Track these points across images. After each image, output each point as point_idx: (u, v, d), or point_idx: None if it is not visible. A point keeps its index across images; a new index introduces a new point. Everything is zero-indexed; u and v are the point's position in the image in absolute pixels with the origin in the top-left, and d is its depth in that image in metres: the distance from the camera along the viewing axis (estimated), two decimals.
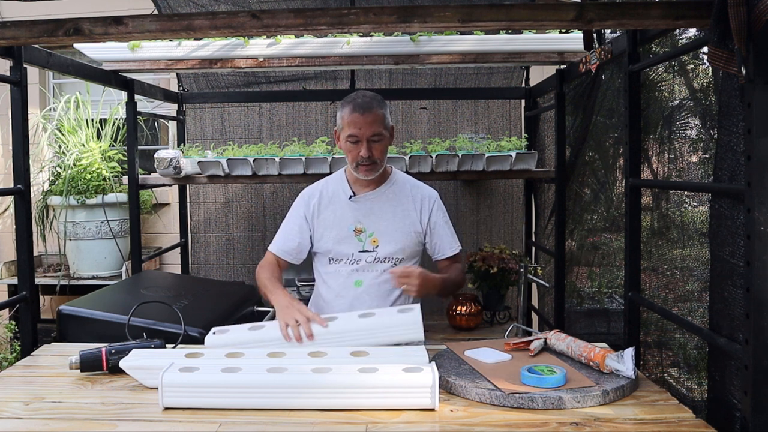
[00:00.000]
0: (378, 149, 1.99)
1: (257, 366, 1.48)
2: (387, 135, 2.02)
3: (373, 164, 2.00)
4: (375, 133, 1.97)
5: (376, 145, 1.98)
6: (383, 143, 2.01)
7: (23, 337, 2.08)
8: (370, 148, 1.97)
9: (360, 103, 1.98)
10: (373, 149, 1.98)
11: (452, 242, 2.16)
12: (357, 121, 1.96)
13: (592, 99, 2.58)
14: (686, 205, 1.94)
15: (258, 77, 3.74)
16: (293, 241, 2.11)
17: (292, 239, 2.11)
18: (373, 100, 2.00)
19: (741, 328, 1.33)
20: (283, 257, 2.12)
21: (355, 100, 1.99)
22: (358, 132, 1.96)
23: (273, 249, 2.14)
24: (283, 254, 2.12)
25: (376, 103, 2.00)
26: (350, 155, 2.01)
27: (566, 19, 1.50)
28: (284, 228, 2.15)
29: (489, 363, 1.61)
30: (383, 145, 2.01)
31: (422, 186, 2.18)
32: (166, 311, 2.03)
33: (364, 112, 1.96)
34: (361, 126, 1.95)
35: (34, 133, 4.14)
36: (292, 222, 2.14)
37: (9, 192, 2.07)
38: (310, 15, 1.51)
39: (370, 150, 1.97)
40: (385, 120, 2.01)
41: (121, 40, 1.86)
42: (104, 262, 3.95)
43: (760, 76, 1.24)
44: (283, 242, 2.12)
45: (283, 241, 2.13)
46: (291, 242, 2.11)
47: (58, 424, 1.36)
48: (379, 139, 1.98)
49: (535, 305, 3.39)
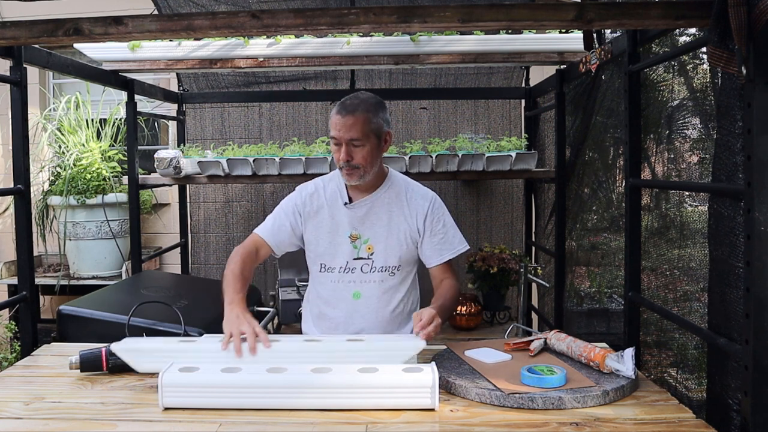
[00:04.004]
0: (359, 154, 1.87)
1: (257, 366, 1.48)
2: (372, 141, 1.89)
3: (353, 169, 1.88)
4: (353, 138, 1.86)
5: (356, 150, 1.87)
6: (366, 149, 1.88)
7: (23, 337, 2.08)
8: (349, 152, 1.86)
9: (346, 105, 1.88)
10: (353, 153, 1.86)
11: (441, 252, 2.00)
12: (337, 123, 1.87)
13: (592, 99, 2.58)
14: (686, 205, 1.94)
15: (258, 77, 3.74)
16: (283, 233, 2.00)
17: (281, 232, 2.00)
18: (362, 103, 1.88)
19: (740, 328, 1.33)
20: (270, 243, 1.99)
21: (344, 102, 1.90)
22: (337, 134, 1.87)
23: (262, 233, 2.00)
24: (270, 240, 1.99)
25: (364, 106, 1.88)
26: (335, 156, 1.93)
27: (566, 19, 1.50)
28: (276, 219, 2.03)
29: (489, 363, 1.61)
30: (366, 151, 1.88)
31: (419, 189, 2.06)
32: (166, 311, 2.03)
33: (346, 114, 1.86)
34: (339, 128, 1.86)
35: (34, 133, 4.14)
36: (284, 216, 2.02)
37: (9, 192, 2.07)
38: (310, 15, 1.51)
39: (349, 154, 1.86)
40: (370, 124, 1.88)
41: (121, 40, 1.86)
42: (104, 262, 3.95)
43: (760, 76, 1.24)
44: (273, 231, 2.00)
45: (273, 230, 2.01)
46: (281, 234, 2.00)
47: (58, 424, 1.36)
48: (360, 144, 1.87)
49: (535, 305, 3.39)
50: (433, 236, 2.00)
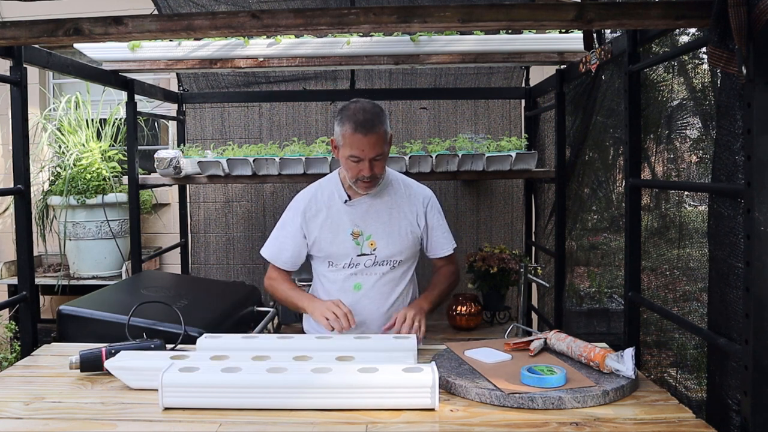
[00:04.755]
0: (380, 166, 1.94)
1: (257, 366, 1.48)
2: (387, 149, 1.98)
3: (374, 180, 1.96)
4: (378, 154, 1.91)
5: (377, 163, 1.93)
6: (384, 159, 1.96)
7: (23, 337, 2.08)
8: (372, 167, 1.91)
9: (362, 122, 1.88)
10: (375, 167, 1.92)
11: (446, 243, 2.15)
12: (360, 143, 1.88)
13: (592, 99, 2.58)
14: (686, 205, 1.94)
15: (258, 77, 3.74)
16: (287, 251, 2.10)
17: (285, 250, 2.10)
18: (374, 117, 1.91)
19: (740, 328, 1.33)
20: (283, 267, 2.13)
21: (356, 117, 1.89)
22: (360, 153, 1.89)
23: (274, 261, 2.13)
24: (283, 265, 2.13)
25: (378, 119, 1.91)
26: (350, 172, 1.95)
27: (566, 19, 1.50)
28: (279, 238, 2.12)
29: (489, 363, 1.61)
30: (384, 161, 1.97)
31: (415, 185, 2.15)
32: (166, 311, 2.03)
33: (367, 132, 1.87)
34: (364, 147, 1.88)
35: (34, 133, 4.14)
36: (285, 232, 2.11)
37: (9, 192, 2.06)
38: (310, 15, 1.51)
39: (372, 169, 1.92)
40: (386, 135, 1.94)
41: (121, 40, 1.86)
42: (104, 262, 3.95)
43: (760, 76, 1.24)
44: (279, 252, 2.12)
45: (279, 251, 2.12)
46: (285, 253, 2.11)
47: (58, 424, 1.36)
48: (381, 158, 1.93)
49: (535, 305, 3.39)
50: (434, 229, 2.13)
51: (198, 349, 1.72)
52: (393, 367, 1.45)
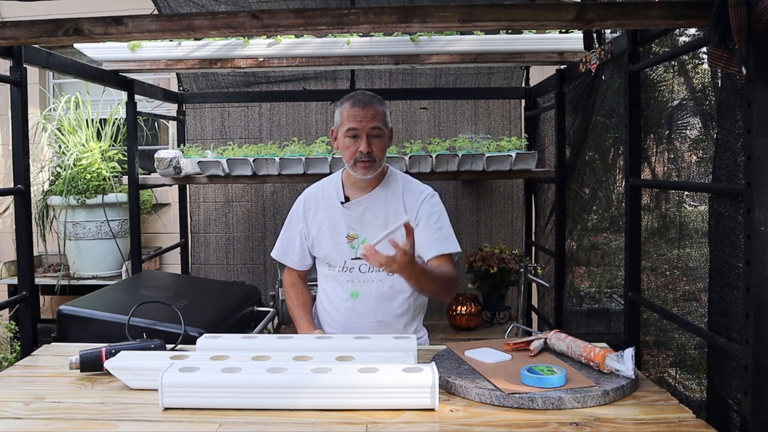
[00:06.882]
0: (377, 145, 1.93)
1: (257, 366, 1.48)
2: (386, 133, 1.98)
3: (372, 161, 1.94)
4: (375, 127, 1.92)
5: (375, 141, 1.93)
6: (383, 140, 1.95)
7: (23, 337, 2.08)
8: (369, 143, 1.92)
9: (360, 99, 1.96)
10: (373, 145, 1.92)
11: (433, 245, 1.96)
12: (357, 115, 1.92)
13: (592, 99, 2.58)
14: (686, 205, 1.93)
15: (258, 77, 3.74)
16: (294, 250, 2.13)
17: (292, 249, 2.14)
18: (373, 97, 1.98)
19: (740, 328, 1.33)
20: (294, 267, 2.15)
21: (355, 96, 1.97)
22: (358, 125, 1.91)
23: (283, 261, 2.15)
24: (292, 264, 2.15)
25: (376, 100, 1.98)
26: (348, 152, 1.95)
27: (566, 19, 1.50)
28: (286, 238, 2.15)
29: (489, 363, 1.61)
30: (383, 143, 1.96)
31: (416, 184, 2.08)
32: (166, 311, 2.03)
33: (365, 106, 1.93)
34: (361, 119, 1.91)
35: (34, 133, 4.14)
36: (290, 232, 2.14)
37: (9, 192, 2.06)
38: (310, 15, 1.51)
39: (370, 145, 1.92)
40: (386, 117, 1.97)
41: (121, 40, 1.86)
42: (104, 262, 3.95)
43: (760, 76, 1.24)
44: (286, 252, 2.15)
45: (286, 251, 2.15)
46: (292, 252, 2.14)
47: (58, 424, 1.36)
48: (379, 134, 1.93)
49: (535, 305, 3.39)
50: (426, 228, 1.98)
51: (198, 349, 1.72)
52: (393, 367, 1.45)
